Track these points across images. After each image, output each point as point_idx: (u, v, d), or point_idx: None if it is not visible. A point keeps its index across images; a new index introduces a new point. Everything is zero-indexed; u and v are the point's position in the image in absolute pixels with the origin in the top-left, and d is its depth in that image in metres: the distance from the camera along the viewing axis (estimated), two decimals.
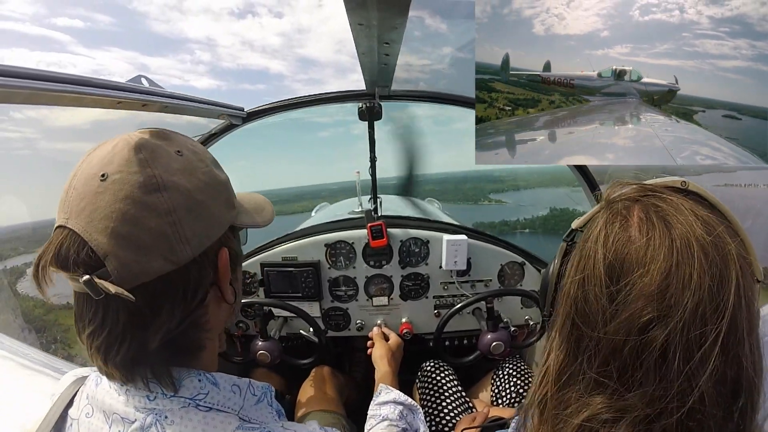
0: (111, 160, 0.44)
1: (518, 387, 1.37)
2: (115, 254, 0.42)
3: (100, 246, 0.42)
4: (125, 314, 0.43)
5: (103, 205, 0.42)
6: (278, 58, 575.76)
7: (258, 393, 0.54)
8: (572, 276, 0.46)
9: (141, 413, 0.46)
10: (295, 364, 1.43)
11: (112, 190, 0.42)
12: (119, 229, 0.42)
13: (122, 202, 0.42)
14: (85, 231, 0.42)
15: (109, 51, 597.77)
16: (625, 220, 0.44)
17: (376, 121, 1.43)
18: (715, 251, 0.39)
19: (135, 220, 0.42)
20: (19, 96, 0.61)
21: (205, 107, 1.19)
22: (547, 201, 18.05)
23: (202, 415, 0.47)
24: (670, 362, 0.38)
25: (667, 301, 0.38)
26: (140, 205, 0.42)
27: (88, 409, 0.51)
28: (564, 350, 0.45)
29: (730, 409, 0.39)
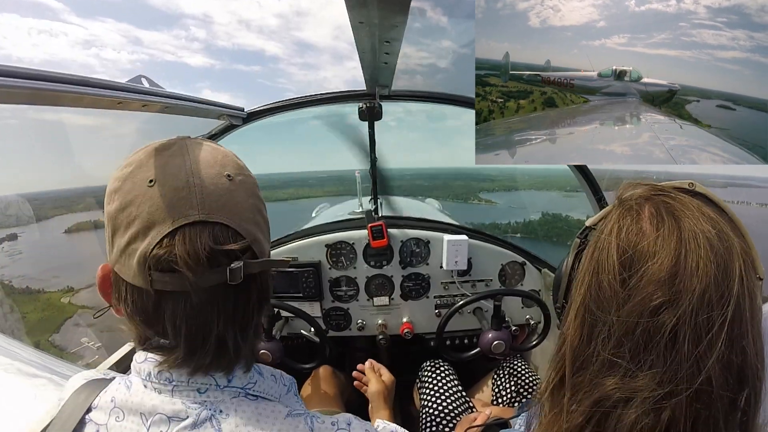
0: (223, 162, 0.50)
1: (518, 387, 1.37)
2: (257, 239, 0.49)
3: (249, 233, 0.48)
4: (256, 295, 0.49)
5: (240, 200, 0.48)
6: (275, 40, 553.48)
7: (288, 383, 0.55)
8: (587, 266, 0.49)
9: (193, 409, 0.45)
10: (297, 368, 1.43)
11: (242, 188, 0.49)
12: (257, 218, 0.50)
13: (253, 197, 0.50)
14: (233, 221, 0.47)
15: (103, 22, 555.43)
16: (637, 215, 0.47)
17: (377, 121, 1.43)
18: (720, 244, 0.42)
19: (261, 212, 0.51)
20: (19, 96, 0.61)
21: (205, 107, 1.19)
22: (540, 205, 17.91)
23: (254, 405, 0.47)
24: (680, 344, 0.40)
25: (676, 287, 0.41)
26: (260, 200, 0.52)
27: (117, 413, 0.49)
28: (579, 335, 0.48)
29: (736, 398, 0.41)
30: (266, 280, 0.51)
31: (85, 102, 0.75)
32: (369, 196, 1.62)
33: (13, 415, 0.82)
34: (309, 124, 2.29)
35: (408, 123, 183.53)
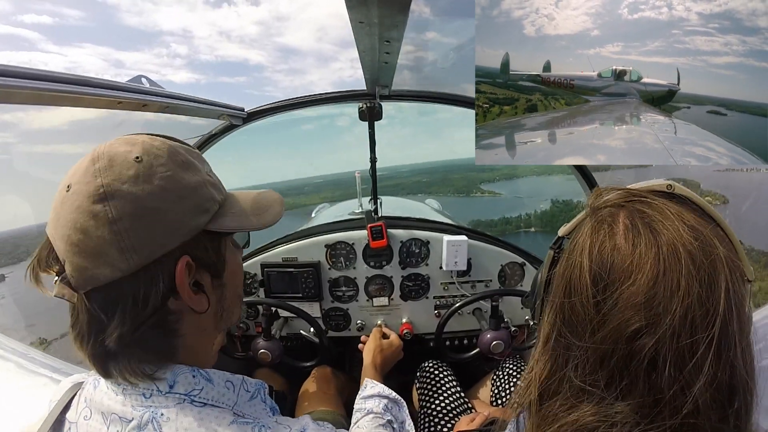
0: (75, 171, 0.47)
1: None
2: (70, 260, 0.45)
3: (59, 251, 0.46)
4: (86, 315, 0.46)
5: (63, 214, 0.45)
6: (257, 48, 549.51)
7: (251, 389, 0.54)
8: (558, 286, 0.45)
9: (138, 411, 0.47)
10: (297, 367, 1.43)
11: (70, 200, 0.45)
12: (73, 237, 0.44)
13: (75, 212, 0.44)
14: (52, 237, 0.46)
15: (82, 47, 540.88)
16: (611, 228, 0.43)
17: (377, 121, 1.43)
18: (703, 256, 0.38)
19: (84, 229, 0.44)
20: (19, 96, 0.61)
21: (205, 107, 1.19)
22: (546, 191, 17.16)
23: (197, 410, 0.48)
24: (660, 370, 0.37)
25: (654, 309, 0.38)
26: (88, 214, 0.44)
27: (86, 412, 0.51)
28: (550, 358, 0.45)
29: (726, 413, 0.38)
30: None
31: (85, 102, 0.75)
32: (369, 197, 1.62)
33: (13, 414, 0.82)
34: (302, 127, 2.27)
35: (400, 119, 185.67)
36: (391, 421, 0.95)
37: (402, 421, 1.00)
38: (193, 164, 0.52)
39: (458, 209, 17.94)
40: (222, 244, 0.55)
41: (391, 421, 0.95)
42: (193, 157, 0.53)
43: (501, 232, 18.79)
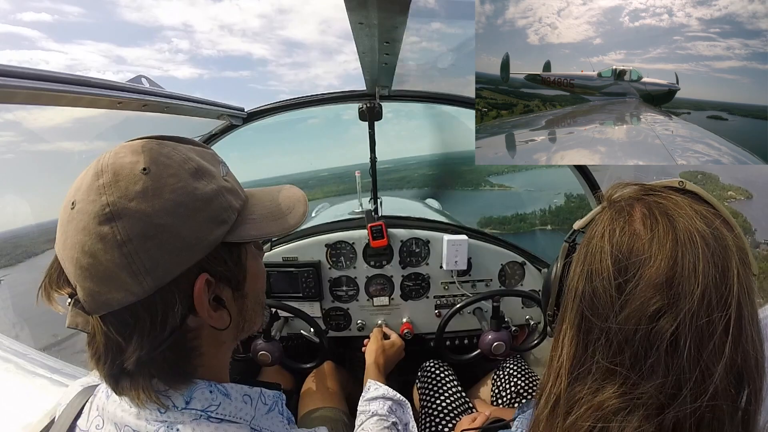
0: (79, 185, 0.44)
1: (519, 387, 1.37)
2: (82, 285, 0.42)
3: (70, 275, 0.43)
4: (102, 337, 0.43)
5: (70, 235, 0.42)
6: (260, 42, 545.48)
7: (269, 402, 0.53)
8: (579, 272, 0.47)
9: (153, 426, 0.45)
10: (296, 368, 1.43)
11: (76, 219, 0.42)
12: (81, 260, 0.41)
13: (81, 233, 0.41)
14: (61, 258, 0.44)
15: (82, 44, 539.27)
16: (629, 216, 0.45)
17: (377, 121, 1.43)
18: (715, 242, 0.41)
19: (92, 252, 0.41)
20: (19, 96, 0.61)
21: (205, 107, 1.19)
22: (558, 184, 16.27)
23: (213, 426, 0.46)
24: (681, 350, 0.39)
25: (674, 290, 0.40)
26: (95, 237, 0.41)
27: (98, 421, 0.50)
28: (575, 344, 0.46)
29: (738, 398, 0.40)
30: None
31: (85, 102, 0.75)
32: (369, 196, 1.62)
33: (13, 415, 0.82)
34: (307, 123, 2.28)
35: (406, 112, 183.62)
36: (395, 423, 0.95)
37: (406, 423, 0.99)
38: (207, 170, 0.48)
39: (466, 205, 17.00)
40: (242, 252, 0.52)
41: (396, 423, 0.95)
42: (206, 161, 0.49)
43: (515, 230, 18.00)
